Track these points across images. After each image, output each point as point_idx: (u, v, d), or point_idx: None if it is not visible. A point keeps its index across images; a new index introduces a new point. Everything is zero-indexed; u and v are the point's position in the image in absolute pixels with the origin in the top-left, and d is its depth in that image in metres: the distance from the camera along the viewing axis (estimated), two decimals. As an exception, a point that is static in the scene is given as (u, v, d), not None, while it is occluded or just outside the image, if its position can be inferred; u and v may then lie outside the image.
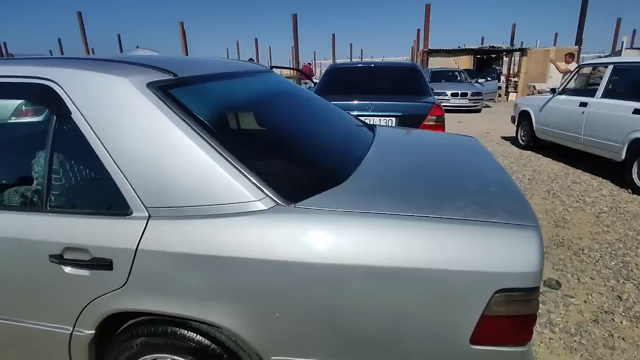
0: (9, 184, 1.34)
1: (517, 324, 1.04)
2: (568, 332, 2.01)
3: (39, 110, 1.65)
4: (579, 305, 2.24)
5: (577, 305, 2.24)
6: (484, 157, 1.73)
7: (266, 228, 1.08)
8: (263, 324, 1.10)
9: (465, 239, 1.02)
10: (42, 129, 1.27)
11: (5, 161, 1.40)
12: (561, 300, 2.29)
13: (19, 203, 1.30)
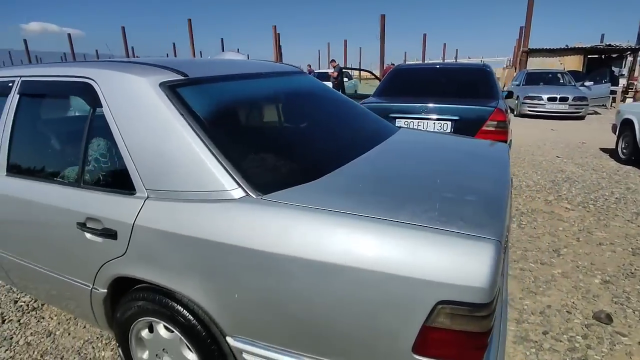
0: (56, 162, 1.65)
1: (464, 341, 0.98)
2: (606, 374, 1.75)
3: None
4: (630, 346, 1.92)
5: (628, 346, 1.93)
6: (495, 167, 1.61)
7: (234, 215, 1.18)
8: (225, 304, 1.21)
9: (411, 245, 1.00)
10: (83, 119, 1.54)
11: (56, 144, 1.72)
12: (609, 337, 1.99)
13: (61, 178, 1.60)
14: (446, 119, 3.58)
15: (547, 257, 2.81)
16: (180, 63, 1.61)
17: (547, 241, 3.06)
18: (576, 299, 2.31)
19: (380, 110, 3.75)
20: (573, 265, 2.69)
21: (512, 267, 2.66)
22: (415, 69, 4.80)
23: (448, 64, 4.72)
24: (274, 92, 1.85)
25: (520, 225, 3.35)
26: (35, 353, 1.92)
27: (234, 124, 1.47)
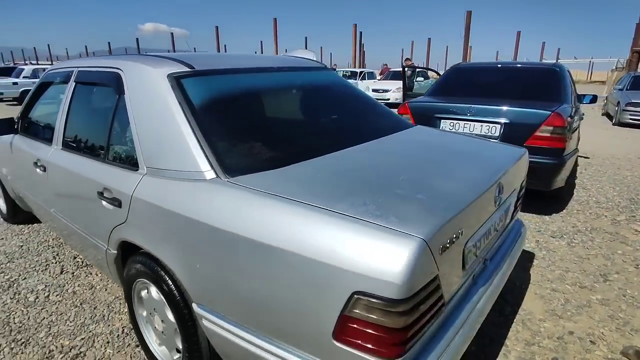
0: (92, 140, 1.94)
1: (381, 335, 0.98)
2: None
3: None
4: (658, 390, 1.65)
5: (655, 390, 1.66)
6: (480, 170, 1.52)
7: (203, 194, 1.31)
8: (191, 273, 1.34)
9: (336, 233, 1.02)
10: (113, 103, 1.79)
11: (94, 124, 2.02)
12: (634, 376, 1.73)
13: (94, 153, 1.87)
14: (494, 121, 3.34)
15: (590, 280, 2.50)
16: (194, 57, 1.79)
17: (598, 264, 2.71)
18: (608, 330, 2.03)
19: (425, 110, 3.66)
20: (619, 294, 2.35)
21: (543, 286, 2.42)
22: (474, 68, 4.50)
23: (512, 63, 4.34)
24: (273, 85, 1.94)
25: (571, 244, 3.01)
26: (77, 300, 2.29)
27: (221, 113, 1.59)
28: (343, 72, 18.82)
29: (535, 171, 3.18)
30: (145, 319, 1.74)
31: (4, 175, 2.97)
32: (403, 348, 1.00)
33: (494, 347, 1.91)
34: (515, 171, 1.68)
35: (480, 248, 1.41)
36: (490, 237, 1.51)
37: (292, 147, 1.57)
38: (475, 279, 1.45)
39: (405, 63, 13.91)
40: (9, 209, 3.25)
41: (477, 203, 1.28)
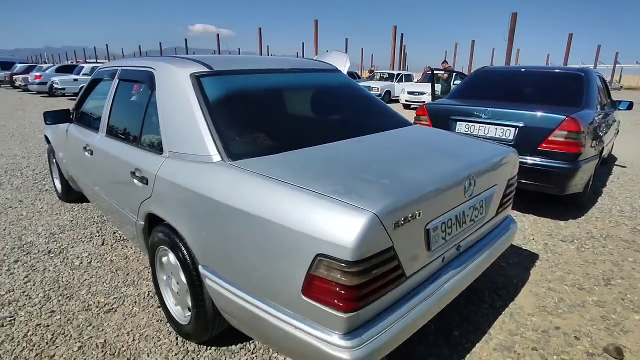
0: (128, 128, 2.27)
1: (338, 290, 1.17)
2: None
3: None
4: (630, 384, 1.71)
5: (628, 383, 1.72)
6: (451, 165, 1.69)
7: (210, 174, 1.57)
8: (198, 239, 1.60)
9: (307, 206, 1.23)
10: (146, 98, 2.11)
11: (130, 115, 2.35)
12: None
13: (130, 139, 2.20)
14: (509, 125, 3.38)
15: (590, 283, 2.52)
16: (214, 59, 2.07)
17: (604, 269, 2.71)
18: (596, 328, 2.09)
19: (441, 112, 3.77)
20: (617, 297, 2.38)
21: (540, 285, 2.49)
22: (497, 72, 4.51)
23: (536, 68, 4.29)
24: (278, 84, 2.17)
25: (580, 248, 3.01)
26: (113, 267, 2.65)
27: (231, 107, 1.85)
28: (380, 74, 18.84)
29: (549, 175, 3.22)
30: (165, 283, 2.03)
31: (60, 158, 3.43)
32: (357, 304, 1.19)
33: (477, 334, 2.03)
34: (492, 168, 1.81)
35: (451, 234, 1.57)
36: (465, 226, 1.66)
37: (288, 138, 1.80)
38: (446, 262, 1.60)
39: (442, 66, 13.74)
40: (63, 189, 3.73)
41: (440, 191, 1.44)
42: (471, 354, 1.89)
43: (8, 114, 10.70)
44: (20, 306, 2.22)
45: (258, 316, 1.39)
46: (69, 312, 2.17)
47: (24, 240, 3.03)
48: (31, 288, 2.40)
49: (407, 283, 1.39)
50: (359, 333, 1.23)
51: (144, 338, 1.97)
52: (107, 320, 2.10)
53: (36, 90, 16.79)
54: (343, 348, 1.20)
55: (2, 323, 2.06)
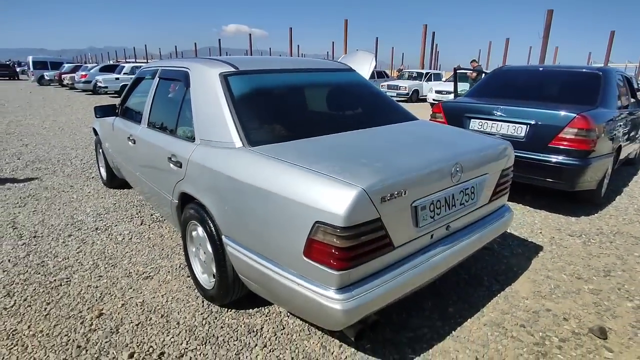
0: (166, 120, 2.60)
1: (332, 252, 1.42)
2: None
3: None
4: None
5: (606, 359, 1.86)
6: (440, 152, 1.92)
7: (232, 158, 1.86)
8: (222, 213, 1.90)
9: (309, 183, 1.49)
10: (182, 94, 2.43)
11: (168, 108, 2.68)
12: (591, 347, 1.94)
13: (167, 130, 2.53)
14: (520, 122, 3.49)
15: (589, 274, 2.64)
16: (240, 60, 2.36)
17: (606, 262, 2.81)
18: (587, 312, 2.22)
19: (456, 110, 3.93)
20: (614, 287, 2.48)
21: (539, 273, 2.63)
22: (515, 71, 4.57)
23: (555, 67, 4.31)
24: (294, 82, 2.43)
25: (587, 243, 3.10)
26: (150, 243, 3.01)
27: (253, 101, 2.13)
28: (409, 73, 18.81)
29: (559, 172, 3.32)
30: (194, 254, 2.35)
31: (106, 148, 3.87)
32: (348, 264, 1.44)
33: (470, 311, 2.22)
34: (481, 158, 2.00)
35: (440, 214, 1.78)
36: (455, 209, 1.86)
37: (300, 128, 2.06)
38: (436, 240, 1.81)
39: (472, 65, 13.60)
40: (107, 176, 4.17)
41: (426, 175, 1.66)
42: (462, 327, 2.09)
43: (58, 110, 11.62)
44: (74, 271, 2.61)
45: (268, 276, 1.66)
46: (114, 277, 2.54)
47: (75, 218, 3.47)
48: (82, 257, 2.79)
49: (396, 252, 1.62)
50: (350, 289, 1.47)
51: (176, 300, 2.29)
52: (145, 285, 2.45)
53: (82, 89, 17.98)
54: (336, 300, 1.45)
55: (61, 282, 2.45)
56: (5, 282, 2.45)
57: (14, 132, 7.73)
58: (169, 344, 1.93)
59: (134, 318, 2.12)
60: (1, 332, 2.00)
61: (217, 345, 1.92)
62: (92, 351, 1.88)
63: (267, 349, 1.90)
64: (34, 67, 24.61)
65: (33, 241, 3.02)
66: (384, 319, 2.11)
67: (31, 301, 2.27)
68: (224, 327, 2.06)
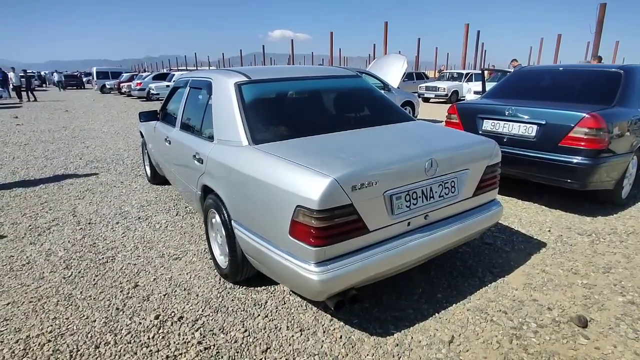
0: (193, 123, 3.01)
1: (309, 231, 1.71)
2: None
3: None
4: (584, 346, 1.96)
5: (582, 345, 1.97)
6: (417, 148, 2.14)
7: (240, 154, 2.20)
8: (232, 200, 2.24)
9: (293, 173, 1.79)
10: (207, 101, 2.82)
11: (195, 114, 3.08)
12: (569, 334, 2.04)
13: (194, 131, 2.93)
14: (531, 122, 3.55)
15: (588, 270, 2.69)
16: (253, 70, 2.72)
17: (610, 260, 2.83)
18: (573, 304, 2.31)
19: (469, 111, 4.05)
20: (610, 282, 2.53)
21: (536, 267, 2.72)
22: (534, 71, 4.55)
23: (575, 66, 4.24)
24: (301, 88, 2.73)
25: (595, 242, 3.11)
26: (182, 231, 3.45)
27: (259, 106, 2.46)
28: (448, 74, 18.50)
29: (569, 171, 3.37)
30: (214, 238, 2.72)
31: (150, 148, 4.40)
32: (322, 241, 1.71)
33: (457, 297, 2.39)
34: (459, 155, 2.18)
35: (417, 205, 2.00)
36: (433, 200, 2.06)
37: (298, 129, 2.36)
38: (413, 227, 2.03)
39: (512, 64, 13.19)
40: (151, 174, 4.73)
41: (398, 168, 1.89)
42: (446, 310, 2.28)
43: (115, 116, 12.83)
44: (118, 251, 3.09)
45: (264, 253, 1.98)
46: (149, 257, 2.98)
47: (122, 209, 4.01)
48: (126, 240, 3.28)
49: (371, 236, 1.87)
50: (326, 264, 1.75)
51: (197, 277, 2.68)
52: (174, 265, 2.86)
53: (137, 96, 19.57)
54: (313, 272, 1.73)
55: (107, 260, 2.94)
56: (65, 258, 2.98)
57: (77, 136, 8.74)
58: (188, 310, 2.31)
59: (162, 290, 2.53)
60: (60, 295, 2.48)
61: (227, 314, 2.27)
62: (127, 312, 2.29)
63: (267, 318, 2.22)
64: (97, 77, 27.10)
65: (88, 227, 3.57)
66: (374, 300, 2.35)
67: (84, 273, 2.75)
68: (235, 300, 2.40)
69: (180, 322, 2.20)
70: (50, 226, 3.59)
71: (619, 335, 2.05)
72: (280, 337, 2.06)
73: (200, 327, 2.15)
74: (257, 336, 2.07)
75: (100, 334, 2.10)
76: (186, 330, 2.12)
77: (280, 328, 2.13)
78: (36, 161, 6.27)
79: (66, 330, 2.13)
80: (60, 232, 3.45)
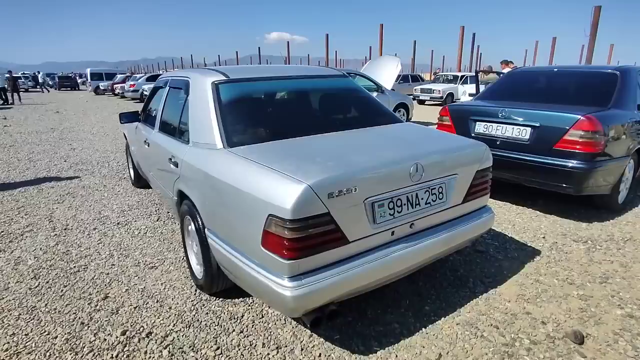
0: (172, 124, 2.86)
1: (282, 242, 1.56)
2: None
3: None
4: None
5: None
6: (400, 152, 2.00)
7: (214, 157, 2.05)
8: (204, 207, 2.10)
9: (266, 179, 1.65)
10: (183, 101, 2.67)
11: (173, 114, 2.93)
12: (564, 352, 1.91)
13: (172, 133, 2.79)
14: (524, 124, 3.42)
15: (584, 280, 2.56)
16: (232, 69, 2.57)
17: (607, 269, 2.70)
18: (568, 317, 2.18)
19: (461, 113, 3.93)
20: (607, 294, 2.40)
21: (529, 277, 2.59)
22: (530, 72, 4.44)
23: (570, 67, 4.13)
24: (282, 88, 2.59)
25: (591, 249, 2.99)
26: (162, 237, 3.29)
27: (236, 106, 2.32)
28: (443, 77, 18.44)
29: (564, 175, 3.24)
30: (190, 246, 2.57)
31: (133, 151, 4.25)
32: (296, 253, 1.56)
33: (446, 310, 2.25)
34: (446, 159, 2.04)
35: (402, 212, 1.86)
36: (419, 207, 1.93)
37: (275, 131, 2.22)
38: (398, 237, 1.89)
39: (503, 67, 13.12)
40: (135, 176, 4.57)
41: (380, 174, 1.75)
42: (434, 325, 2.13)
43: (107, 117, 12.63)
44: (92, 259, 2.93)
45: (237, 265, 1.83)
46: (124, 266, 2.82)
47: (102, 214, 3.85)
48: (101, 248, 3.12)
49: (351, 246, 1.72)
50: (300, 278, 1.60)
51: (173, 288, 2.52)
52: (149, 274, 2.70)
53: (130, 97, 19.35)
54: (286, 287, 1.58)
55: (79, 269, 2.77)
56: (34, 267, 2.81)
57: (65, 138, 8.56)
58: (158, 325, 2.15)
59: (134, 302, 2.37)
60: (23, 308, 2.31)
61: (200, 329, 2.11)
62: (92, 327, 2.13)
63: (242, 334, 2.07)
64: (91, 79, 26.84)
65: (63, 233, 3.41)
66: (357, 314, 2.21)
67: (52, 284, 2.59)
68: (209, 313, 2.25)
69: (149, 338, 2.04)
70: (23, 232, 3.43)
71: (617, 352, 1.91)
72: (255, 356, 1.91)
73: (169, 344, 1.99)
74: (229, 354, 1.92)
75: (60, 352, 1.94)
76: (154, 348, 1.97)
77: (256, 345, 1.98)
78: (19, 163, 6.09)
79: (23, 348, 1.97)
80: (33, 239, 3.29)
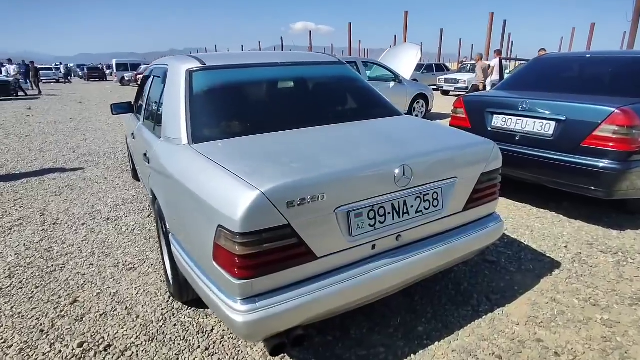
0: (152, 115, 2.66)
1: (232, 259, 1.32)
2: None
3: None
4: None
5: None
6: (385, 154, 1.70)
7: (177, 154, 1.83)
8: (167, 209, 1.88)
9: (217, 182, 1.41)
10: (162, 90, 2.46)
11: (154, 103, 2.72)
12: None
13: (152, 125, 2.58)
14: (548, 118, 3.02)
15: (610, 300, 2.19)
16: (210, 56, 2.33)
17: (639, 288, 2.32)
18: (588, 348, 1.84)
19: (477, 104, 3.55)
20: (636, 319, 2.03)
21: (545, 295, 2.25)
22: (558, 59, 3.96)
23: (605, 53, 3.63)
24: (264, 76, 2.30)
25: (620, 262, 2.60)
26: (148, 236, 3.12)
27: (207, 97, 2.07)
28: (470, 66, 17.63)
29: (593, 176, 2.85)
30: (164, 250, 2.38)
31: (128, 143, 4.11)
32: (248, 272, 1.32)
33: (442, 333, 1.96)
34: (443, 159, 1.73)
35: (385, 223, 1.57)
36: (408, 217, 1.63)
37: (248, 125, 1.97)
38: (380, 251, 1.61)
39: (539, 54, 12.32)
40: (132, 169, 4.44)
41: (355, 177, 1.46)
42: (426, 350, 1.85)
43: (125, 108, 12.75)
44: (72, 257, 2.79)
45: (193, 278, 1.60)
46: (102, 266, 2.67)
47: (94, 208, 3.73)
48: (85, 245, 2.98)
49: (319, 263, 1.46)
50: (254, 300, 1.35)
51: (146, 293, 2.34)
52: (125, 276, 2.54)
53: (152, 88, 19.57)
54: (238, 312, 1.34)
55: (56, 268, 2.64)
56: (12, 265, 2.70)
57: (80, 128, 8.62)
58: (120, 337, 1.97)
59: (101, 308, 2.20)
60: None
61: (162, 343, 1.91)
62: (51, 337, 1.98)
63: (208, 352, 1.85)
64: (117, 69, 27.38)
65: (51, 228, 3.30)
66: (339, 332, 1.95)
67: (25, 284, 2.47)
68: (177, 324, 2.05)
69: (106, 352, 1.86)
70: (12, 226, 3.35)
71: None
72: (215, 380, 1.69)
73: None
74: (188, 377, 1.71)
75: (8, 366, 1.79)
76: (108, 365, 1.79)
77: (219, 366, 1.76)
78: (30, 154, 6.12)
79: (-28, 359, 1.83)
80: (20, 234, 3.20)
